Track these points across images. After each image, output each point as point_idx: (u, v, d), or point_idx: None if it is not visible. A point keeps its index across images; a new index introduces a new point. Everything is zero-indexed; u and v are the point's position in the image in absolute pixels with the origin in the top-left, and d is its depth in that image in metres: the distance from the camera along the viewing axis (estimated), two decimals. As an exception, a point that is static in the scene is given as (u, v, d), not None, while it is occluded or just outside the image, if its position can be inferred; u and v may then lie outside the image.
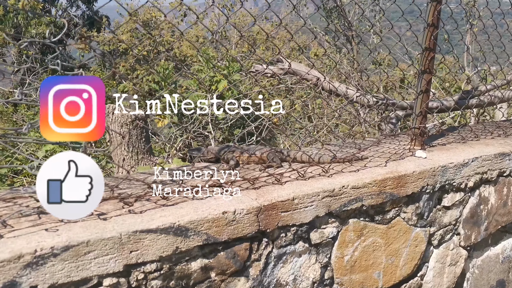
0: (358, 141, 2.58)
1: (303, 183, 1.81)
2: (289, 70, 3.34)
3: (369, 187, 1.90)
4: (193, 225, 1.45)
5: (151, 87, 8.88)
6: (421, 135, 2.38)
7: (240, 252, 1.59)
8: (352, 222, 1.91)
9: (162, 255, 1.41)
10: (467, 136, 2.70)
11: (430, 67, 2.32)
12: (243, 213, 1.56)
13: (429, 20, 2.27)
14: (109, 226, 1.35)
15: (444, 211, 2.26)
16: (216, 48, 9.79)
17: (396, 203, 2.04)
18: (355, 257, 1.96)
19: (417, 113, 2.35)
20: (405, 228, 2.11)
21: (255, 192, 1.69)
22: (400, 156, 2.25)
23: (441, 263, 2.34)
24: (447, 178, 2.21)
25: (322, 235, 1.82)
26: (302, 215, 1.72)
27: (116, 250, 1.32)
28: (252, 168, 1.99)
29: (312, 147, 2.43)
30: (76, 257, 1.25)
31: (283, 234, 1.71)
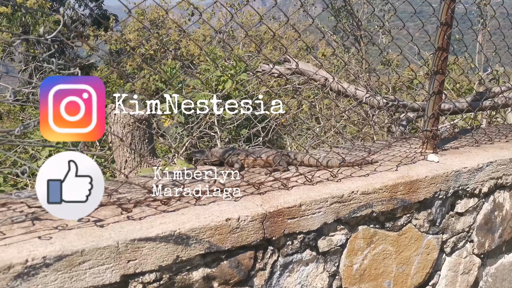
0: (367, 143, 2.49)
1: (311, 188, 1.73)
2: (297, 70, 3.26)
3: (379, 192, 1.82)
4: (194, 232, 1.38)
5: (158, 86, 8.85)
6: (433, 138, 2.29)
7: (244, 261, 1.52)
8: (362, 229, 1.83)
9: (162, 265, 1.34)
10: (481, 139, 2.60)
11: (443, 68, 2.23)
12: (247, 220, 1.48)
13: (442, 19, 2.18)
14: (106, 233, 1.28)
15: (457, 218, 2.18)
16: (223, 47, 9.74)
17: (407, 209, 1.96)
18: (365, 265, 1.87)
19: (429, 115, 2.27)
20: (417, 235, 2.02)
21: (260, 198, 1.62)
22: (411, 160, 2.16)
23: (454, 272, 2.25)
24: (460, 183, 2.12)
25: (330, 243, 1.74)
26: (310, 222, 1.65)
27: (113, 260, 1.25)
28: (258, 172, 1.92)
29: (319, 150, 2.35)
30: (70, 267, 1.19)
31: (290, 242, 1.63)
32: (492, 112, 4.42)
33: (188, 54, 9.96)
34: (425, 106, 2.33)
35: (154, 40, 10.19)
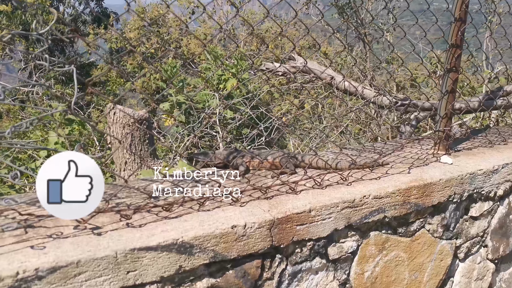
0: (377, 144, 2.40)
1: (320, 192, 1.64)
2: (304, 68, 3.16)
3: (392, 196, 1.73)
4: (198, 241, 1.29)
5: (158, 85, 8.75)
6: (446, 138, 2.20)
7: (251, 270, 1.43)
8: (373, 235, 1.73)
9: (164, 275, 1.25)
10: (494, 140, 2.50)
11: (457, 65, 2.14)
12: (254, 227, 1.39)
13: (456, 14, 2.09)
14: (104, 242, 1.19)
15: (471, 222, 2.08)
16: (224, 46, 9.64)
17: (420, 214, 1.86)
18: (376, 273, 1.78)
19: (442, 115, 2.17)
20: (430, 240, 1.93)
21: (267, 203, 1.52)
22: (423, 161, 2.07)
23: (467, 278, 2.16)
24: (475, 186, 2.03)
25: (340, 250, 1.65)
26: (320, 229, 1.55)
27: (111, 271, 1.16)
28: (264, 175, 1.82)
29: (327, 151, 2.26)
30: (64, 279, 1.10)
31: (298, 250, 1.54)
32: (499, 112, 4.32)
33: (189, 53, 9.86)
34: (437, 106, 2.23)
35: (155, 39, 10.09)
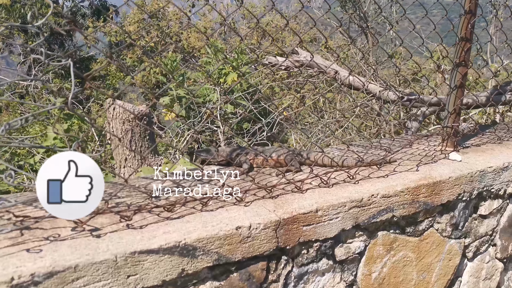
0: (384, 141, 2.34)
1: (327, 191, 1.59)
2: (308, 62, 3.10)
3: (401, 195, 1.67)
4: (201, 243, 1.23)
5: (158, 79, 8.68)
6: (455, 135, 2.14)
7: (256, 273, 1.37)
8: (381, 235, 1.68)
9: (166, 279, 1.20)
10: (503, 136, 2.45)
11: (466, 60, 2.08)
12: (259, 228, 1.34)
13: (466, 6, 2.02)
14: (103, 245, 1.14)
15: (480, 221, 2.03)
16: (224, 40, 9.55)
17: (429, 213, 1.81)
18: (384, 273, 1.73)
19: (451, 110, 2.11)
20: (439, 240, 1.88)
21: (272, 202, 1.47)
22: (431, 158, 2.01)
23: (476, 278, 2.11)
24: (485, 184, 1.97)
25: (348, 251, 1.59)
26: (327, 229, 1.50)
27: (111, 276, 1.11)
28: (268, 173, 1.77)
29: (333, 148, 2.20)
30: (61, 285, 1.04)
31: (305, 251, 1.49)
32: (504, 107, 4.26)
33: (189, 47, 9.78)
34: (445, 101, 2.18)
35: (155, 32, 10.00)
